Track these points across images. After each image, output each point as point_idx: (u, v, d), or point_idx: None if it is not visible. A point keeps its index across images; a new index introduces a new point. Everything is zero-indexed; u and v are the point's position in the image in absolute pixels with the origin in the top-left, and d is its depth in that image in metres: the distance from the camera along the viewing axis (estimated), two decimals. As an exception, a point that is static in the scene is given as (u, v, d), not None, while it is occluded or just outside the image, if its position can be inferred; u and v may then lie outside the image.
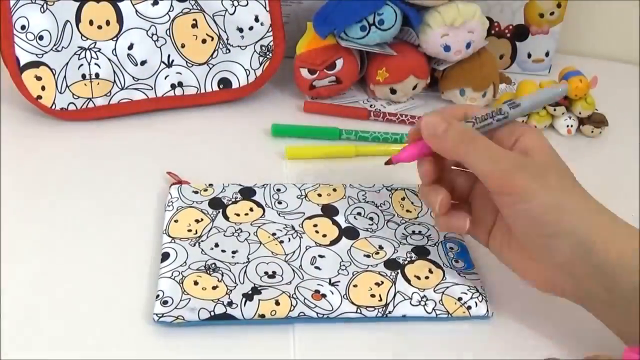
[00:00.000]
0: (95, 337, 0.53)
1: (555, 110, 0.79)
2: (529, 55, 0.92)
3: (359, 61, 0.82)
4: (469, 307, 0.56)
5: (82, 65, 0.74)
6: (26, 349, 0.52)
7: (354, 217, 0.64)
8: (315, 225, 0.63)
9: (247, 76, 0.79)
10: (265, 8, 0.78)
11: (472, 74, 0.81)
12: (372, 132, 0.76)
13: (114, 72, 0.75)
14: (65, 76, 0.73)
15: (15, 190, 0.66)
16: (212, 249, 0.59)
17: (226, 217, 0.63)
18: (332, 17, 0.78)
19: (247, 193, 0.66)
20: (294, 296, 0.56)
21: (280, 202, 0.65)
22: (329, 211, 0.65)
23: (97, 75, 0.75)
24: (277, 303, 0.55)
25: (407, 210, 0.66)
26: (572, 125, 0.80)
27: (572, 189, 0.51)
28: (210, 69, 0.78)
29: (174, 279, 0.56)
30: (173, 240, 0.60)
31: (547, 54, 0.92)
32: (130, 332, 0.54)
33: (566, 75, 0.78)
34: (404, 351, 0.54)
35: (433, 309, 0.56)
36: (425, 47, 0.80)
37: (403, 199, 0.67)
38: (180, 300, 0.54)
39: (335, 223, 0.63)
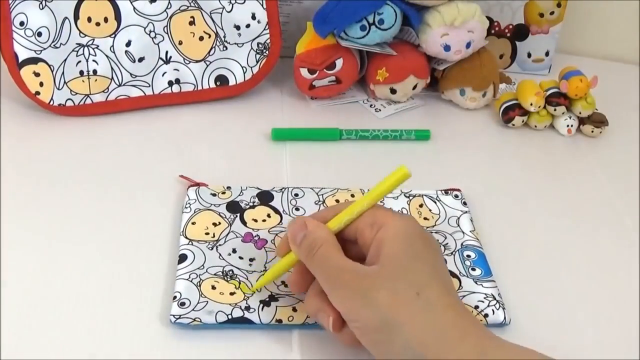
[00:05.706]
0: (111, 338, 0.53)
1: (555, 110, 0.79)
2: (529, 55, 0.91)
3: (359, 61, 0.81)
4: (486, 315, 0.56)
5: (80, 61, 0.74)
6: (42, 349, 0.52)
7: None
8: None
9: (244, 73, 0.79)
10: (262, 5, 0.78)
11: (472, 74, 0.81)
12: (372, 130, 0.76)
13: (112, 68, 0.75)
14: (63, 72, 0.74)
15: (18, 187, 0.66)
16: (229, 254, 0.59)
17: (244, 222, 0.62)
18: (332, 17, 0.77)
19: (264, 197, 0.65)
20: None
21: (297, 209, 0.65)
22: None
23: (94, 71, 0.75)
24: (295, 310, 0.55)
25: (425, 218, 0.65)
26: (572, 125, 0.79)
27: (410, 301, 0.46)
28: (207, 66, 0.78)
29: (191, 282, 0.56)
30: (190, 243, 0.59)
31: (547, 54, 0.91)
32: (146, 333, 0.53)
33: (566, 75, 0.78)
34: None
35: None
36: (425, 47, 0.80)
37: (421, 205, 0.66)
38: (198, 303, 0.54)
39: None
